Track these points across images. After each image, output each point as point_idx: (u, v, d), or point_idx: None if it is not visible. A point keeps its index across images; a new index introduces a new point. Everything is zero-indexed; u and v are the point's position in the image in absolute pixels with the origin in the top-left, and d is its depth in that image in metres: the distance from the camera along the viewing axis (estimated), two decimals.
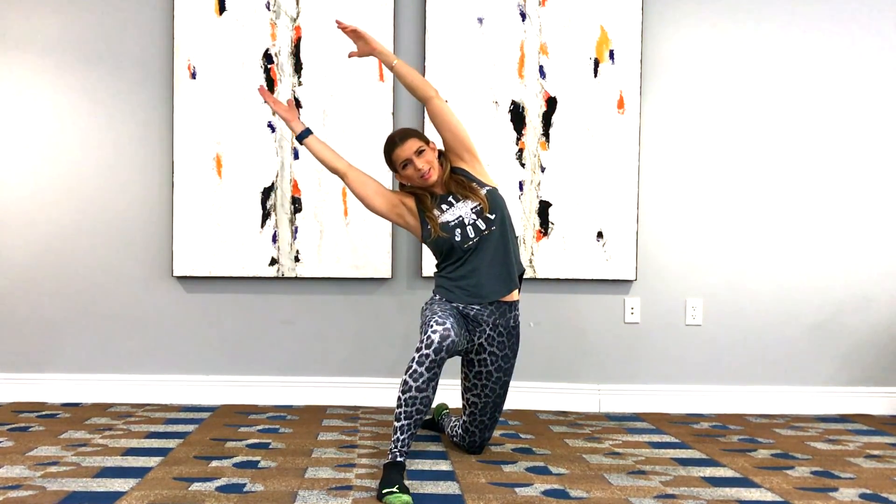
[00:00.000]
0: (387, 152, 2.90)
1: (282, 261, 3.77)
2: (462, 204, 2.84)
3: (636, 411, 3.83)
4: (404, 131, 2.91)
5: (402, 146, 2.84)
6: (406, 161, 2.84)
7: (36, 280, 3.82)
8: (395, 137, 2.89)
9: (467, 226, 2.81)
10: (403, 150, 2.84)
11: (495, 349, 2.87)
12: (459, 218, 2.82)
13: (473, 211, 2.82)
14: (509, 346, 2.90)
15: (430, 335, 2.56)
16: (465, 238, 2.80)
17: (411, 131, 2.90)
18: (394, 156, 2.86)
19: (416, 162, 2.82)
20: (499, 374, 2.89)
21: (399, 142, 2.85)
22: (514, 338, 2.91)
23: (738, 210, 3.87)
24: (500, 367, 2.88)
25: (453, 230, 2.81)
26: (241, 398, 3.83)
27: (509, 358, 2.91)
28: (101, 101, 3.81)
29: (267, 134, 3.76)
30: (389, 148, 2.88)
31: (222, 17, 3.75)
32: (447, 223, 2.82)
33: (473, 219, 2.81)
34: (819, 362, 3.89)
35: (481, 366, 2.87)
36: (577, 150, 3.78)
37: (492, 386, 2.88)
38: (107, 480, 2.53)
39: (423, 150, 2.84)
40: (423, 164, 2.82)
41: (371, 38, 2.89)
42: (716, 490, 2.55)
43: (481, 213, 2.81)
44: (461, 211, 2.83)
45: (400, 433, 2.54)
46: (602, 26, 3.77)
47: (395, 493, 2.33)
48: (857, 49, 3.86)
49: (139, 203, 3.82)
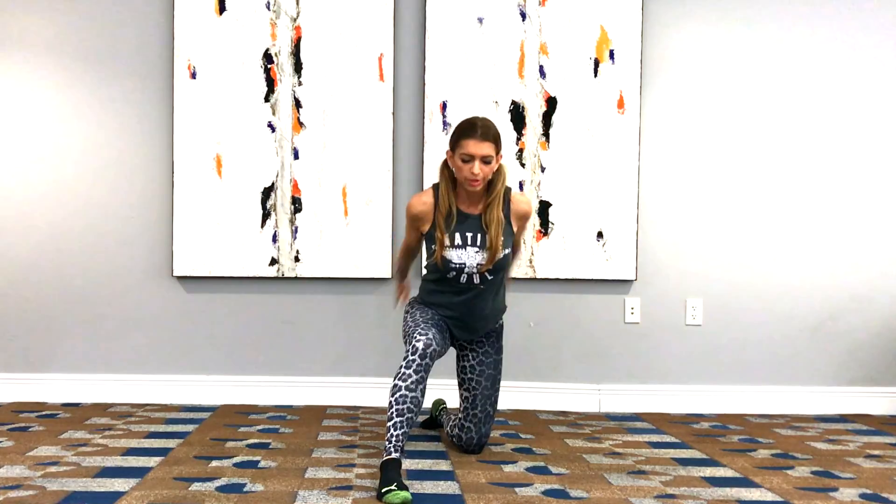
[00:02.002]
0: (459, 134, 2.74)
1: (282, 261, 3.77)
2: (474, 252, 2.81)
3: (636, 411, 3.83)
4: (487, 128, 2.72)
5: (479, 143, 2.69)
6: (470, 156, 2.70)
7: (36, 280, 3.82)
8: (477, 127, 2.72)
9: (464, 273, 2.82)
10: (477, 147, 2.69)
11: (475, 346, 2.99)
12: (462, 264, 2.81)
13: (477, 265, 2.82)
14: (489, 343, 3.00)
15: (416, 344, 2.67)
16: (457, 280, 2.84)
17: (493, 134, 2.74)
18: (463, 143, 2.70)
19: (477, 165, 2.69)
20: (481, 367, 2.97)
21: (479, 136, 2.70)
22: (492, 337, 3.01)
23: (738, 210, 3.87)
24: (481, 361, 2.97)
25: (450, 270, 2.82)
26: (241, 398, 3.83)
27: (490, 354, 2.99)
28: (101, 101, 3.81)
29: (267, 134, 3.76)
30: (465, 133, 2.72)
31: (222, 17, 3.75)
32: (449, 260, 2.81)
33: (473, 271, 2.82)
34: (819, 362, 3.89)
35: (465, 360, 3.00)
36: (577, 150, 3.78)
37: (477, 378, 2.97)
38: (107, 480, 2.53)
39: (490, 160, 2.72)
40: (479, 171, 2.70)
41: None
42: (716, 490, 2.55)
43: (481, 269, 2.82)
44: (467, 259, 2.81)
45: (393, 429, 2.56)
46: (602, 26, 3.77)
47: (394, 490, 2.33)
48: (857, 49, 3.85)
49: (139, 203, 3.82)
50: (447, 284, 2.87)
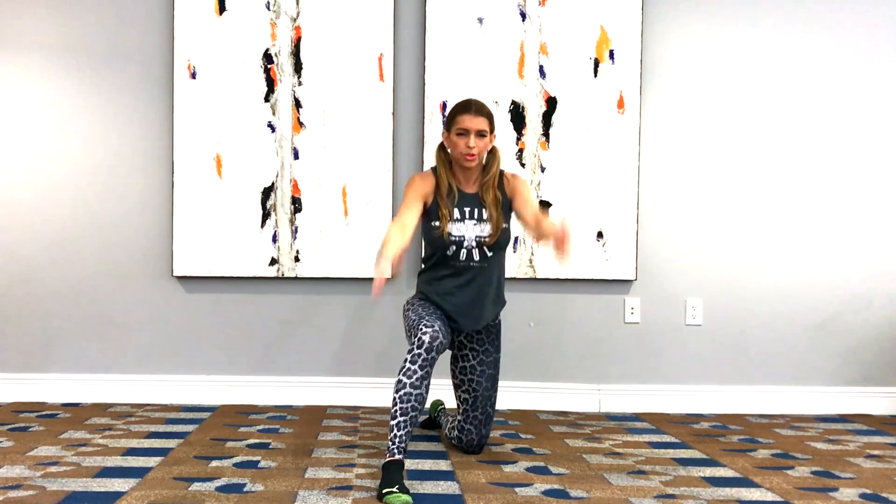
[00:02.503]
0: (456, 111, 2.83)
1: (282, 261, 3.77)
2: (472, 225, 2.82)
3: (636, 411, 3.83)
4: (482, 106, 2.83)
5: (473, 117, 2.78)
6: (465, 130, 2.78)
7: (36, 280, 3.82)
8: (472, 105, 2.82)
9: (463, 248, 2.81)
10: (472, 121, 2.77)
11: (475, 345, 2.96)
12: (461, 237, 2.81)
13: (477, 239, 2.82)
14: (489, 341, 2.97)
15: (421, 337, 2.63)
16: (456, 258, 2.82)
17: (488, 111, 2.84)
18: (459, 118, 2.79)
19: (472, 139, 2.77)
20: (482, 367, 2.94)
21: (474, 112, 2.79)
22: (492, 334, 2.98)
23: (738, 210, 3.87)
24: (482, 360, 2.95)
25: (450, 245, 2.81)
26: (241, 398, 3.83)
27: (490, 352, 2.97)
28: (101, 101, 3.81)
29: (267, 134, 3.76)
30: (461, 110, 2.82)
31: (222, 17, 3.75)
32: (449, 233, 2.82)
33: (473, 245, 2.82)
34: (819, 362, 3.89)
35: (464, 360, 2.96)
36: (577, 150, 3.78)
37: (477, 379, 2.94)
38: (107, 480, 2.53)
39: (485, 135, 2.80)
40: (475, 145, 2.77)
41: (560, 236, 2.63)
42: (716, 490, 2.55)
43: (482, 245, 2.82)
44: (466, 232, 2.82)
45: (397, 430, 2.54)
46: (602, 26, 3.77)
47: (395, 492, 2.33)
48: (857, 49, 3.85)
49: (139, 203, 3.82)
50: (446, 267, 2.84)
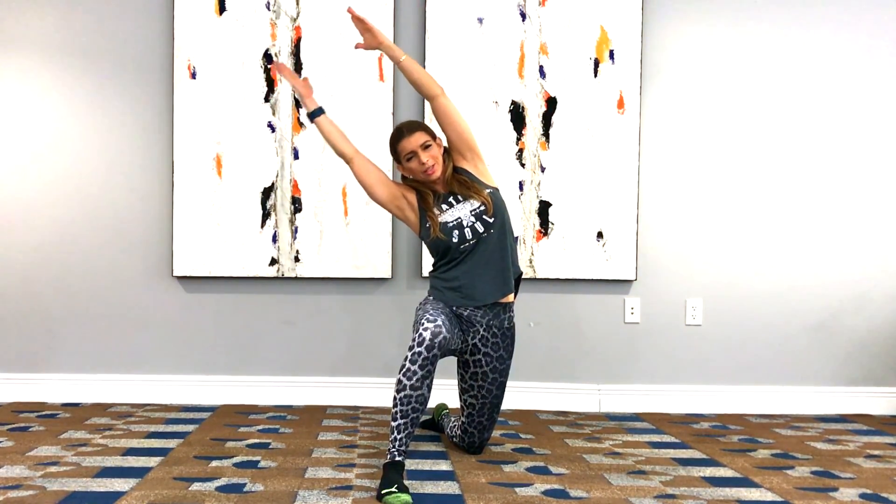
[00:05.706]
0: (393, 142, 2.86)
1: (282, 261, 3.77)
2: (462, 205, 2.83)
3: (636, 411, 3.83)
4: (412, 123, 2.86)
5: (409, 137, 2.81)
6: (411, 153, 2.80)
7: (36, 280, 3.82)
8: (402, 128, 2.85)
9: (465, 227, 2.80)
10: (410, 142, 2.80)
11: (489, 350, 2.87)
12: (458, 219, 2.81)
13: (473, 213, 2.81)
14: (504, 346, 2.89)
15: (422, 332, 2.58)
16: (462, 239, 2.80)
17: (419, 124, 2.87)
18: (400, 146, 2.83)
19: (422, 156, 2.79)
20: (494, 374, 2.88)
21: (406, 133, 2.82)
22: (508, 339, 2.91)
23: (737, 210, 3.87)
24: (495, 367, 2.88)
25: (451, 231, 2.80)
26: (241, 398, 3.83)
27: (504, 359, 2.90)
28: (101, 101, 3.81)
29: (267, 134, 3.76)
30: (396, 138, 2.85)
31: (222, 17, 3.75)
32: (446, 223, 2.81)
33: (472, 221, 2.80)
34: (819, 362, 3.89)
35: (476, 367, 2.87)
36: (577, 150, 3.78)
37: (488, 387, 2.88)
38: (107, 480, 2.53)
39: (429, 145, 2.81)
40: (427, 159, 2.79)
41: (378, 32, 2.86)
42: (716, 490, 2.55)
43: (481, 216, 2.80)
44: (461, 212, 2.82)
45: (397, 432, 2.54)
46: (602, 26, 3.77)
47: (395, 492, 2.33)
48: (857, 49, 3.85)
49: (139, 203, 3.82)
50: (450, 256, 2.82)
